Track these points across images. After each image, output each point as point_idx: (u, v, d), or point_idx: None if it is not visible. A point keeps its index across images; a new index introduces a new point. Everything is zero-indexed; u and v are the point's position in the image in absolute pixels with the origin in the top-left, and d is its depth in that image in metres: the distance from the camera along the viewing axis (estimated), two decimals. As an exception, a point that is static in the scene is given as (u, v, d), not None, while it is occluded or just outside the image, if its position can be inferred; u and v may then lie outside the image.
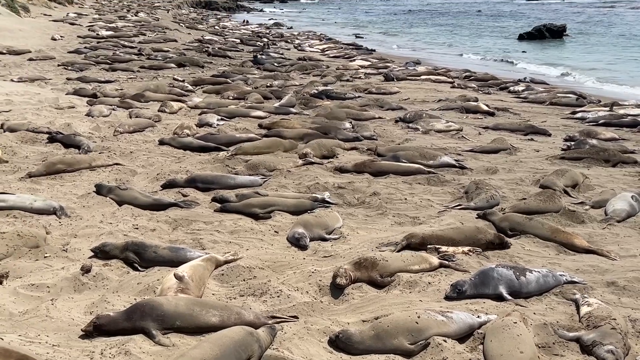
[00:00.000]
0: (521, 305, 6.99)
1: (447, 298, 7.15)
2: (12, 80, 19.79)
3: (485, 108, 18.28)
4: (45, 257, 8.01)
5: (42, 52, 26.58)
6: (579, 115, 18.03)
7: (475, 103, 18.83)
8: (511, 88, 22.70)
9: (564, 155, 13.45)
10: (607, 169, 12.70)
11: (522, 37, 45.37)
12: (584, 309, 6.75)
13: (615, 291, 7.44)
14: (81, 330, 6.16)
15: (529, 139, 15.20)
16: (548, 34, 45.20)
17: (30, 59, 24.88)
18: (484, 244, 8.47)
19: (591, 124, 16.86)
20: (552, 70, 30.11)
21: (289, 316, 6.66)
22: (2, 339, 5.91)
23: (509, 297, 7.11)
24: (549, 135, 15.60)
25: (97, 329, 6.11)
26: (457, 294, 7.12)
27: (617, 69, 31.20)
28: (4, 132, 13.45)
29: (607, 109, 18.65)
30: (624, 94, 23.05)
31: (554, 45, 42.11)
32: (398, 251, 8.17)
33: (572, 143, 14.26)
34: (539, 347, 6.13)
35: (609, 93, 23.29)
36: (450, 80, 24.26)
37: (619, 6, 79.40)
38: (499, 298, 7.10)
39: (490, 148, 13.97)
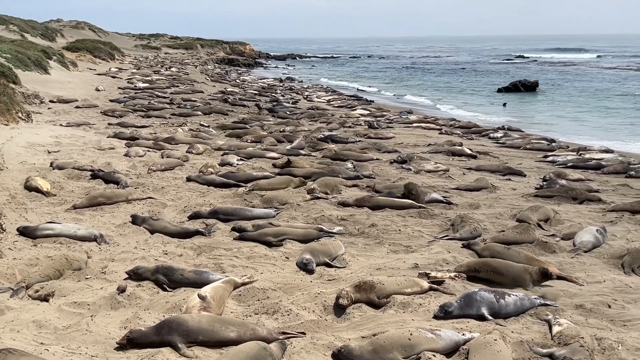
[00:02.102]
0: (501, 325, 6.95)
1: (436, 317, 7.11)
2: (61, 125, 19.97)
3: (469, 152, 18.33)
4: (86, 278, 8.05)
5: (87, 101, 26.85)
6: (550, 158, 18.06)
7: (460, 147, 18.88)
8: (491, 135, 22.76)
9: (537, 194, 13.44)
10: (575, 205, 12.68)
11: (500, 90, 45.57)
12: (556, 329, 6.73)
13: (583, 313, 7.41)
14: (116, 343, 6.17)
15: (506, 179, 15.20)
16: (523, 88, 45.44)
17: (77, 107, 25.17)
18: (530, 281, 8.21)
19: (561, 166, 16.88)
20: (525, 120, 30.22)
21: (298, 332, 6.65)
22: (48, 350, 5.92)
23: (490, 318, 7.08)
24: (524, 175, 15.60)
25: (130, 342, 6.14)
26: (444, 314, 7.08)
27: (583, 117, 31.31)
28: (53, 169, 13.52)
29: (575, 153, 18.70)
30: (588, 141, 23.08)
31: (528, 97, 42.25)
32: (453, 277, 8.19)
33: (544, 183, 14.27)
34: (517, 363, 6.08)
35: (576, 139, 23.32)
36: (438, 127, 24.31)
37: (580, 65, 79.84)
38: (481, 318, 7.05)
39: (473, 186, 13.96)
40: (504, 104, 37.79)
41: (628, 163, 16.91)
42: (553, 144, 20.77)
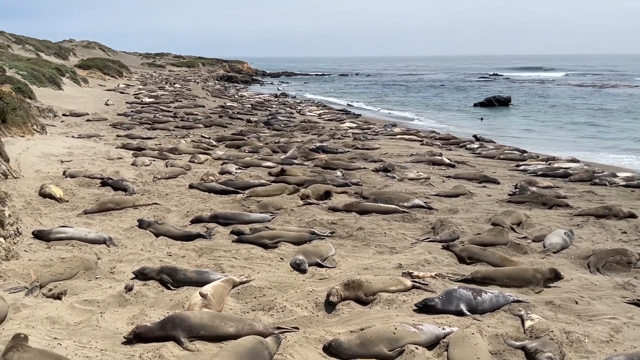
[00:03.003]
0: (477, 320, 6.96)
1: (416, 306, 7.20)
2: (73, 137, 19.93)
3: (448, 161, 18.36)
4: (96, 278, 8.03)
5: (97, 114, 26.77)
6: (521, 167, 18.10)
7: (440, 157, 18.91)
8: (468, 145, 22.82)
9: (510, 199, 13.47)
10: (545, 210, 12.72)
11: (476, 105, 45.76)
12: (528, 323, 6.75)
13: (552, 309, 7.43)
14: (124, 337, 6.17)
15: (482, 186, 15.23)
16: (497, 103, 45.59)
17: (88, 120, 25.10)
18: (543, 280, 8.23)
19: (531, 174, 16.93)
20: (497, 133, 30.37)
21: (291, 327, 6.64)
22: (60, 344, 5.90)
23: (468, 313, 7.10)
24: (498, 183, 15.63)
25: (137, 337, 6.14)
26: (424, 306, 7.15)
27: (551, 130, 31.49)
28: (66, 177, 13.48)
29: (544, 163, 18.78)
30: (556, 151, 23.19)
31: (501, 112, 42.44)
32: (461, 281, 8.15)
33: (517, 190, 14.31)
34: (492, 354, 6.12)
35: (545, 150, 23.43)
36: (419, 139, 24.36)
37: (549, 83, 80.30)
38: (460, 314, 7.08)
39: (452, 193, 13.99)
40: (481, 118, 37.90)
41: (593, 172, 17.00)
42: (524, 154, 20.81)
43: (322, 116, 33.17)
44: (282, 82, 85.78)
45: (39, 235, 9.38)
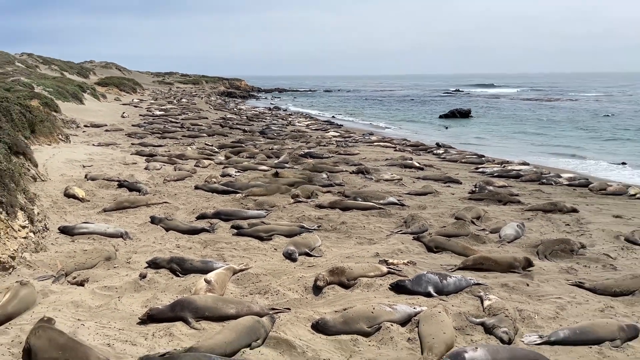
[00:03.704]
0: (443, 300, 7.00)
1: (391, 287, 7.25)
2: (93, 145, 19.78)
3: (417, 164, 18.40)
4: (114, 267, 7.99)
5: (114, 125, 26.60)
6: (480, 170, 18.18)
7: (411, 161, 18.95)
8: (434, 151, 22.86)
9: (470, 197, 13.55)
10: (500, 206, 12.79)
11: (441, 117, 45.88)
12: (486, 303, 6.79)
13: (507, 290, 7.49)
14: (139, 318, 6.16)
15: (447, 186, 15.28)
16: (459, 114, 45.71)
17: (106, 130, 24.91)
18: (522, 266, 8.34)
19: (489, 176, 17.01)
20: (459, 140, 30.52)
21: (284, 308, 6.64)
22: (83, 325, 5.88)
23: (435, 295, 7.12)
24: (460, 183, 15.70)
25: (150, 318, 6.13)
26: (397, 286, 7.20)
27: (506, 137, 31.69)
28: (87, 180, 13.41)
29: (500, 165, 18.88)
30: (510, 156, 23.34)
31: (463, 122, 42.64)
32: (455, 270, 8.17)
33: (476, 189, 14.39)
34: (456, 329, 6.15)
35: (500, 155, 23.57)
36: (393, 145, 24.39)
37: (503, 97, 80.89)
38: (429, 295, 7.10)
39: (421, 192, 14.02)
40: (446, 127, 38.06)
41: (540, 173, 17.13)
42: (482, 158, 20.92)
43: (310, 126, 33.13)
44: (275, 97, 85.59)
45: (64, 231, 9.32)
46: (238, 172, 15.91)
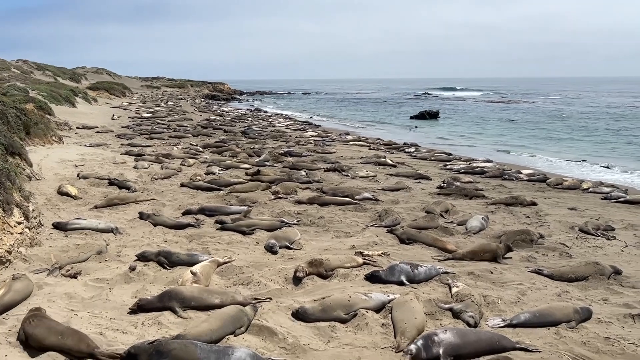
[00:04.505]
0: (415, 288, 7.01)
1: (366, 277, 7.23)
2: (85, 145, 19.48)
3: (390, 162, 18.46)
4: (105, 260, 7.86)
5: (105, 127, 26.25)
6: (448, 167, 18.32)
7: (384, 159, 18.99)
8: (406, 149, 22.97)
9: (439, 192, 13.62)
10: (466, 200, 12.89)
11: (412, 117, 46.13)
12: (454, 290, 6.82)
13: (473, 278, 7.54)
14: (129, 308, 6.08)
15: (417, 182, 15.35)
16: (428, 116, 45.98)
17: (97, 132, 24.56)
18: (502, 254, 8.46)
19: (456, 172, 17.14)
20: (426, 138, 30.69)
21: (266, 298, 6.60)
22: (77, 315, 5.81)
23: (407, 283, 7.14)
24: (430, 179, 15.78)
25: (140, 308, 6.06)
26: (371, 276, 7.19)
27: (471, 137, 31.98)
28: (79, 179, 13.19)
29: (466, 163, 19.04)
30: (475, 154, 23.56)
31: (432, 123, 42.92)
32: (446, 259, 8.28)
33: (444, 184, 14.48)
34: (427, 315, 6.16)
35: (466, 153, 23.78)
36: (368, 144, 24.44)
37: (469, 100, 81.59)
38: (401, 284, 7.12)
39: (394, 187, 14.07)
40: (415, 127, 38.29)
41: (503, 170, 17.31)
42: (450, 156, 21.07)
43: (289, 127, 33.06)
44: (256, 99, 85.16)
45: (58, 226, 9.15)
46: (221, 170, 15.79)
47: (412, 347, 5.19)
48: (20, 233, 7.99)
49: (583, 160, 22.16)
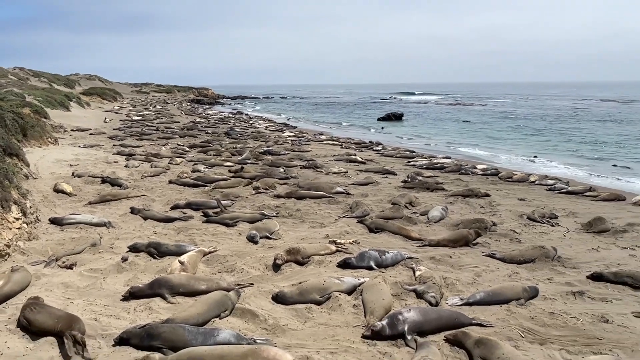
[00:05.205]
0: (382, 272, 7.05)
1: (338, 264, 7.22)
2: (79, 146, 19.09)
3: (360, 159, 18.50)
4: (99, 252, 7.71)
5: (97, 129, 25.72)
6: (411, 163, 18.45)
7: (354, 156, 19.05)
8: (374, 148, 23.05)
9: (404, 186, 13.72)
10: (428, 193, 13.00)
11: (379, 119, 46.28)
12: (417, 273, 6.88)
13: (434, 262, 7.61)
14: (122, 296, 5.99)
15: (384, 177, 15.42)
16: (393, 117, 46.16)
17: (91, 134, 24.07)
18: (473, 239, 8.58)
19: (419, 168, 17.29)
20: (395, 138, 30.86)
21: (248, 283, 6.56)
22: (72, 302, 5.70)
23: (376, 268, 7.17)
24: (396, 174, 15.86)
25: (132, 295, 5.97)
26: (344, 263, 7.19)
27: (432, 136, 32.23)
28: (74, 177, 12.93)
29: (427, 159, 19.20)
30: (435, 151, 23.76)
31: (397, 123, 43.18)
32: (427, 245, 8.37)
33: (408, 179, 14.57)
34: (393, 296, 6.20)
35: (428, 151, 23.97)
36: (340, 143, 24.44)
37: (430, 103, 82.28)
38: (370, 268, 7.14)
39: (363, 182, 14.10)
40: (382, 127, 38.45)
41: (460, 165, 17.52)
42: (413, 153, 21.21)
43: (268, 128, 32.86)
44: (238, 103, 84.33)
45: (54, 221, 8.95)
46: (206, 168, 15.62)
47: (378, 324, 5.23)
48: (19, 228, 7.80)
49: (535, 157, 22.55)
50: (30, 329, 4.99)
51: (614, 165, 20.42)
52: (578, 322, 5.66)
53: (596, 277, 6.99)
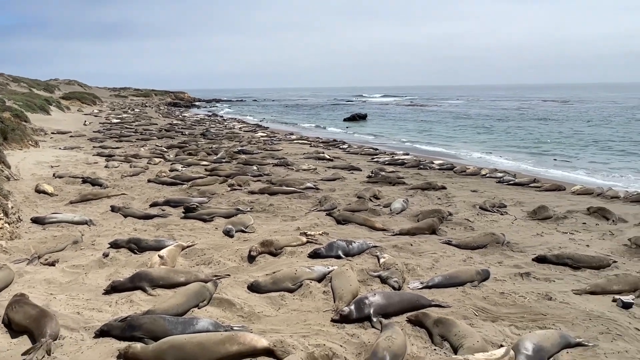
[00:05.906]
0: (349, 260, 7.08)
1: (309, 255, 7.21)
2: (59, 149, 18.49)
3: (328, 157, 18.49)
4: (81, 249, 7.50)
5: (77, 132, 24.99)
6: (375, 159, 18.57)
7: (323, 154, 19.04)
8: (341, 146, 23.09)
9: (368, 180, 13.79)
10: (390, 187, 13.11)
11: (345, 119, 46.39)
12: (382, 260, 6.94)
13: (397, 250, 7.68)
14: (104, 290, 5.84)
15: (350, 173, 15.47)
16: (358, 117, 46.40)
17: (71, 136, 23.37)
18: (438, 226, 8.80)
19: (382, 164, 17.42)
20: (366, 137, 31.01)
21: (225, 274, 6.49)
22: (55, 298, 5.52)
23: (344, 257, 7.20)
24: (361, 170, 15.93)
25: (113, 289, 5.84)
26: (314, 254, 7.18)
27: (394, 135, 32.53)
28: (55, 177, 12.52)
29: (389, 156, 19.36)
30: (396, 148, 23.98)
31: (362, 123, 43.38)
32: (397, 234, 8.46)
33: (372, 174, 14.66)
34: (360, 282, 6.23)
35: (390, 148, 24.18)
36: (309, 142, 24.38)
37: (393, 104, 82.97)
38: (338, 257, 7.16)
39: (331, 178, 14.11)
40: (347, 127, 38.60)
41: (419, 161, 17.72)
42: (377, 150, 21.36)
43: (242, 129, 32.49)
44: (213, 106, 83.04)
45: (36, 221, 8.66)
46: (183, 167, 15.35)
47: (346, 308, 5.26)
48: (0, 228, 7.51)
49: (486, 152, 23.02)
50: (12, 327, 4.81)
51: (555, 159, 21.08)
52: (525, 300, 5.81)
53: (540, 260, 7.20)
